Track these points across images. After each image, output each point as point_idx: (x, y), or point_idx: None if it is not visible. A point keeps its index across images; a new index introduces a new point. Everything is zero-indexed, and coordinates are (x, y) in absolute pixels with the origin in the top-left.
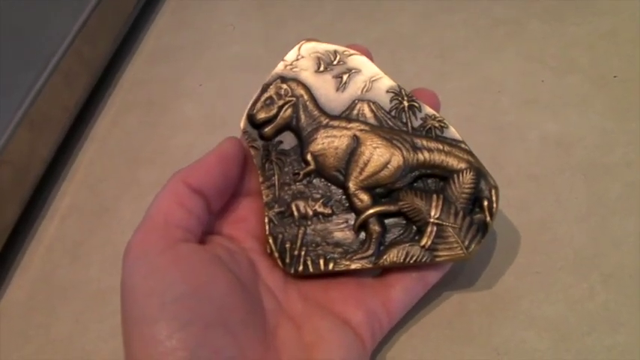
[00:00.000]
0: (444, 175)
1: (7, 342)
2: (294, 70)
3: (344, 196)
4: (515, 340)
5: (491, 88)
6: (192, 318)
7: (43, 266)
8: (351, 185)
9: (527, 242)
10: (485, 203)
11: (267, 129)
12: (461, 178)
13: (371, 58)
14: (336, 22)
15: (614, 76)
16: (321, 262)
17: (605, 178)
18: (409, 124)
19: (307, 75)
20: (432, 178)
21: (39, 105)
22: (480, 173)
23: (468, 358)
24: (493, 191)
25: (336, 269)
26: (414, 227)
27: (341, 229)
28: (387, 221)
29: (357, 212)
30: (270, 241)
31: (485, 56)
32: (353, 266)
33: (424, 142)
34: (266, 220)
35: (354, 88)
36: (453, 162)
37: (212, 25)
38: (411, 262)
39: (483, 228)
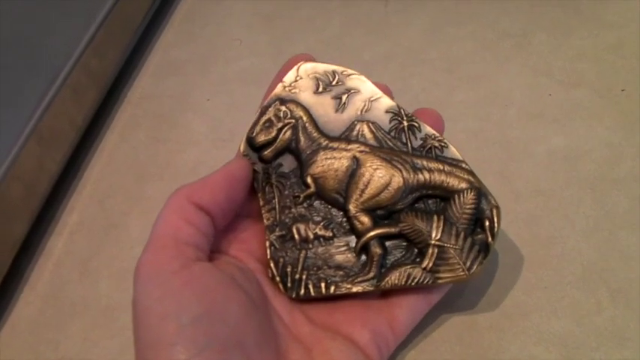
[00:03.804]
0: (445, 195)
1: (17, 357)
2: (293, 91)
3: (344, 219)
4: (524, 355)
5: (499, 101)
6: (209, 340)
7: (52, 282)
8: (352, 208)
9: (535, 257)
10: (487, 223)
11: (267, 152)
12: (462, 198)
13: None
14: (343, 37)
15: (622, 90)
16: (323, 285)
17: (613, 192)
18: (409, 145)
19: (306, 96)
20: (432, 199)
21: (47, 120)
22: (480, 193)
23: None
24: (494, 211)
25: (338, 292)
26: (415, 249)
27: (342, 252)
28: (387, 243)
29: (358, 235)
30: (272, 265)
31: (492, 70)
32: (355, 289)
33: (424, 163)
34: (267, 244)
35: (354, 108)
36: (453, 182)
37: (219, 39)
38: (413, 284)
39: (485, 249)
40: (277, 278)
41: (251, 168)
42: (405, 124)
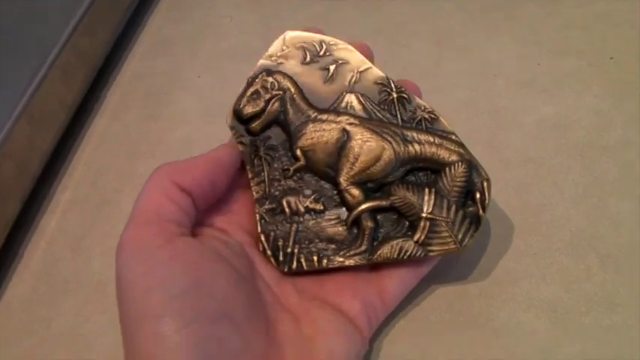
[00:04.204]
0: (436, 168)
1: (10, 335)
2: (280, 62)
3: (335, 192)
4: (513, 321)
5: (488, 72)
6: (197, 312)
7: (45, 260)
8: (342, 181)
9: (524, 224)
10: (478, 196)
11: (255, 124)
12: (452, 170)
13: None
14: (332, 12)
15: (610, 58)
16: (315, 259)
17: (602, 159)
18: (399, 116)
19: (293, 67)
20: (423, 172)
21: (38, 99)
22: (471, 166)
23: (467, 341)
24: (485, 183)
25: (330, 266)
26: (406, 221)
27: (333, 225)
28: (378, 216)
29: (349, 208)
30: (263, 238)
31: (481, 40)
32: (347, 263)
33: (415, 135)
34: (257, 217)
35: (342, 79)
36: (444, 154)
37: (209, 16)
38: (405, 257)
39: (476, 221)
40: (269, 252)
41: (238, 156)
42: (395, 95)
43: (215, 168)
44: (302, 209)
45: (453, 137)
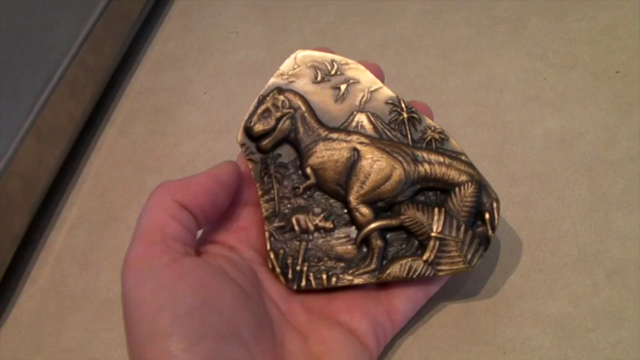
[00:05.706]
0: (445, 188)
1: (19, 351)
2: (291, 80)
3: (345, 210)
4: (520, 338)
5: (494, 86)
6: (205, 331)
7: (53, 276)
8: (352, 199)
9: (531, 240)
10: (487, 216)
11: (266, 142)
12: (462, 191)
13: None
14: (338, 26)
15: (617, 72)
16: (324, 277)
17: (609, 173)
18: (409, 136)
19: (304, 85)
20: (432, 191)
21: (45, 115)
22: (481, 186)
23: (475, 357)
24: (494, 204)
25: (339, 284)
26: (416, 241)
27: (342, 244)
28: (388, 235)
29: (359, 227)
30: (272, 256)
31: (487, 55)
32: (356, 281)
33: (425, 155)
34: (267, 235)
35: (353, 99)
36: (454, 175)
37: (216, 32)
38: (414, 276)
39: (485, 241)
40: (278, 270)
41: (238, 173)
42: (405, 115)
43: (215, 186)
44: (311, 227)
45: (463, 158)
